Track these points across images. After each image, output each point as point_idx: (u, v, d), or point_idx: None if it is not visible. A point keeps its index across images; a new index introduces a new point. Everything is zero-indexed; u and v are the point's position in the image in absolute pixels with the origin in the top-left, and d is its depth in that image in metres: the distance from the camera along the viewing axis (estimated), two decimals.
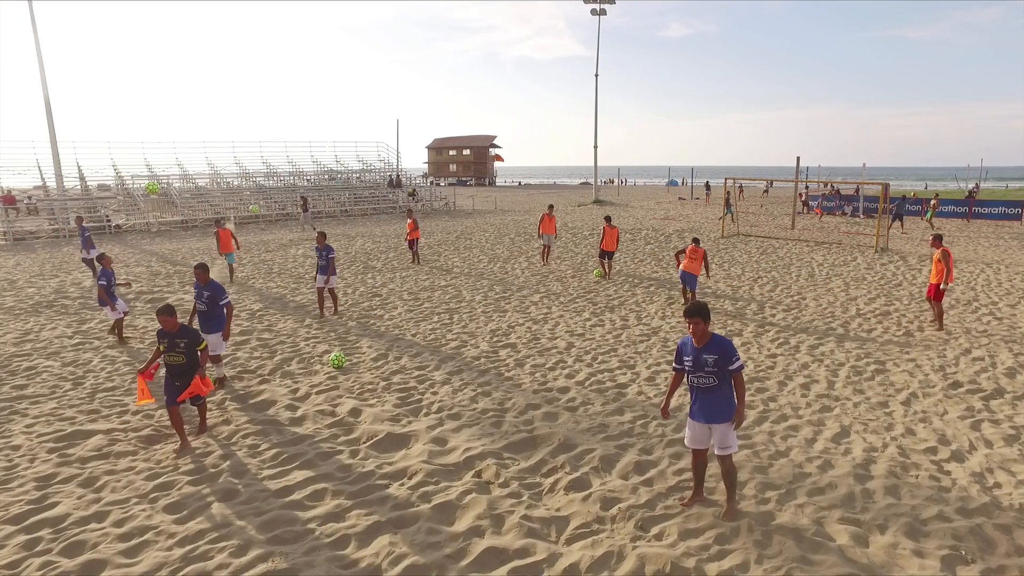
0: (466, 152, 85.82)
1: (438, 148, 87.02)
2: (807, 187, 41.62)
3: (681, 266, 13.35)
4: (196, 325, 8.43)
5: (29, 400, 8.20)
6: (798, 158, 27.81)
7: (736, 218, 27.55)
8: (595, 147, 46.01)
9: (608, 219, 16.72)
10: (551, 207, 19.43)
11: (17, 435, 7.11)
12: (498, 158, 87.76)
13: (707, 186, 47.33)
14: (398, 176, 43.25)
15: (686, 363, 5.31)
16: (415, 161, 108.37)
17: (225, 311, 8.44)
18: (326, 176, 41.96)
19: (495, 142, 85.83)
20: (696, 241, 13.47)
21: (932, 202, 30.46)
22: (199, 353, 6.78)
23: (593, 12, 43.42)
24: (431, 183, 48.98)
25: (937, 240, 11.86)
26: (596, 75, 44.74)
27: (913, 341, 10.73)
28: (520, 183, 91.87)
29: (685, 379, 5.46)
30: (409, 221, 19.05)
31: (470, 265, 18.70)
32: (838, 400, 8.14)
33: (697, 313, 5.15)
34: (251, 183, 39.18)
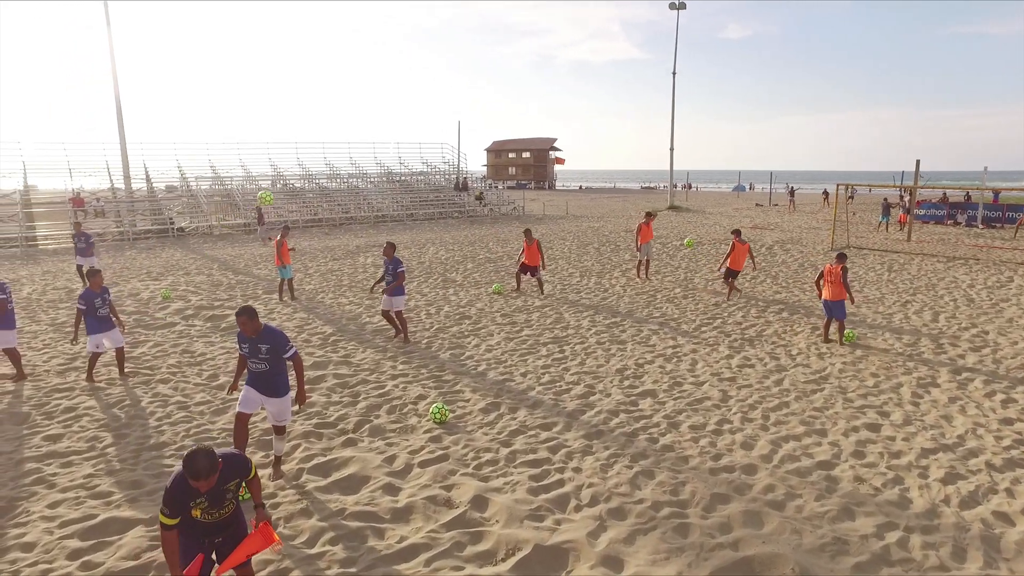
0: (526, 155, 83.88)
1: (497, 151, 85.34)
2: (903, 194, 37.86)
3: (823, 294, 10.92)
4: (246, 388, 5.94)
5: (60, 460, 6.45)
6: (918, 161, 24.61)
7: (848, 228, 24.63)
8: (671, 149, 43.28)
9: (738, 233, 14.25)
10: (649, 214, 17.04)
11: (35, 522, 5.31)
12: (559, 160, 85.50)
13: (791, 192, 43.93)
14: (465, 179, 41.52)
15: None
16: (474, 164, 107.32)
17: (294, 365, 5.88)
18: (385, 179, 40.52)
19: (555, 144, 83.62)
20: (841, 257, 11.02)
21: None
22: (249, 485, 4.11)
23: (672, 6, 40.79)
24: (489, 186, 47.17)
25: None
26: (674, 73, 42.07)
27: None
28: (581, 187, 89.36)
29: None
30: (530, 244, 14.46)
31: (561, 280, 16.54)
32: None
33: None
34: (314, 185, 38.09)
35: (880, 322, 12.23)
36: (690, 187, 79.95)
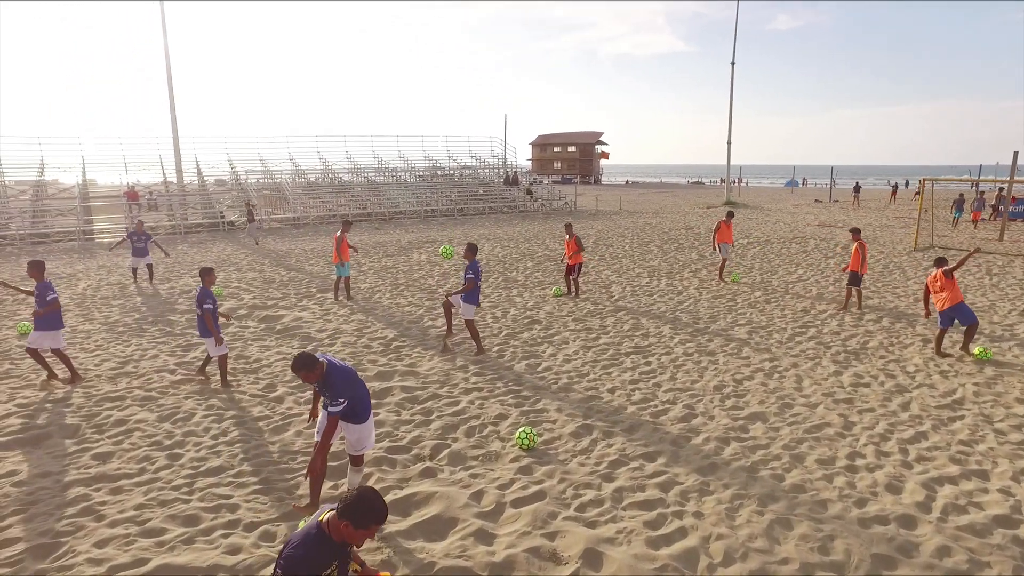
0: (571, 149, 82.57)
1: (542, 145, 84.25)
2: (988, 189, 35.46)
3: (939, 306, 9.68)
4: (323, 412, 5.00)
5: (110, 485, 5.78)
6: (1015, 153, 22.65)
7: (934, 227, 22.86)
8: (728, 143, 41.55)
9: (858, 232, 12.66)
10: (730, 214, 15.92)
11: (81, 565, 4.60)
12: (604, 155, 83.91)
13: (856, 188, 41.75)
14: (515, 173, 40.64)
15: None
16: (518, 158, 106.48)
17: (327, 422, 4.89)
18: (431, 173, 39.87)
19: (601, 139, 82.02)
20: (940, 261, 9.83)
21: None
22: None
23: None
24: (534, 180, 46.07)
25: None
26: (732, 63, 40.30)
27: None
28: (628, 181, 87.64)
29: None
30: (569, 240, 13.71)
31: (629, 280, 15.50)
32: None
33: None
34: (363, 179, 37.72)
35: (1001, 334, 10.88)
36: (738, 182, 77.44)
